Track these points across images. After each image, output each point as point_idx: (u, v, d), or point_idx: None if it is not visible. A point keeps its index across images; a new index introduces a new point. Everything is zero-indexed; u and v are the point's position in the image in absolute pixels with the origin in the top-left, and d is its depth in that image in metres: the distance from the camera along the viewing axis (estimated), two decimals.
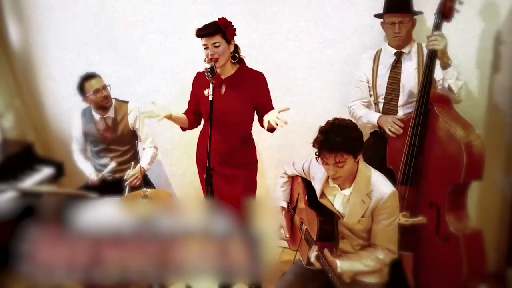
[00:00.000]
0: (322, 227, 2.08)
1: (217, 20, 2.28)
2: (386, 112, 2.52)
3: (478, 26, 2.53)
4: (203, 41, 2.28)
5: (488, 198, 2.75)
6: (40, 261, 1.82)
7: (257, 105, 2.39)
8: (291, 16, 2.82)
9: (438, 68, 2.29)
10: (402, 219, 2.26)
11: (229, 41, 2.30)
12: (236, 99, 2.36)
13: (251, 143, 2.55)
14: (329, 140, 1.91)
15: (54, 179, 3.04)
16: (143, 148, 2.96)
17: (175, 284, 2.78)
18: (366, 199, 2.01)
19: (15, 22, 3.34)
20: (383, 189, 2.01)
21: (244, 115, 2.42)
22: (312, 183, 2.20)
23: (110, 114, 2.87)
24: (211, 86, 2.18)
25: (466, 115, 2.34)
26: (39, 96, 3.48)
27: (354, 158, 1.96)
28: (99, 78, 2.82)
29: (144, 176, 2.84)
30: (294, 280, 2.19)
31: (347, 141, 1.90)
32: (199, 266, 1.86)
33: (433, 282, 2.36)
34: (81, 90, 2.81)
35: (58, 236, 1.88)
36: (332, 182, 2.07)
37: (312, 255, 2.04)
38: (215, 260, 1.85)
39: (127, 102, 2.92)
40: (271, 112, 2.22)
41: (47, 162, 3.07)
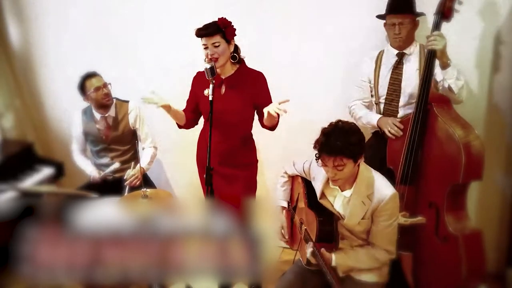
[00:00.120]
0: (321, 228, 2.08)
1: (217, 20, 2.28)
2: (387, 113, 2.52)
3: (477, 26, 2.53)
4: (203, 41, 2.28)
5: (488, 198, 2.75)
6: (40, 261, 1.82)
7: (257, 105, 2.39)
8: (292, 16, 2.82)
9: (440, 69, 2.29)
10: (401, 219, 2.26)
11: (229, 41, 2.30)
12: (236, 99, 2.36)
13: (251, 143, 2.55)
14: (329, 143, 1.90)
15: (54, 179, 3.04)
16: (143, 147, 2.97)
17: (175, 284, 2.78)
18: (366, 201, 2.01)
19: (15, 22, 3.34)
20: (384, 191, 2.00)
21: (244, 115, 2.42)
22: (313, 183, 2.20)
23: (111, 113, 2.87)
24: (211, 86, 2.18)
25: (466, 115, 2.34)
26: (39, 96, 3.48)
27: (354, 162, 1.95)
28: (100, 76, 2.82)
29: (144, 175, 2.85)
30: (294, 280, 2.19)
31: (347, 145, 1.89)
32: (199, 266, 1.86)
33: (432, 282, 2.36)
34: (82, 89, 2.81)
35: (58, 236, 1.88)
36: (332, 184, 2.07)
37: (308, 251, 2.05)
38: (215, 260, 1.85)
39: (127, 102, 2.92)
40: (271, 104, 2.20)
41: (47, 162, 3.07)
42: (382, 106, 2.55)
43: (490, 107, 2.64)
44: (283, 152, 2.89)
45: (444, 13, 2.24)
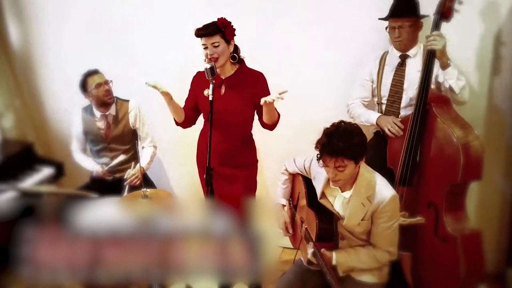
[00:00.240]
0: (321, 228, 2.08)
1: (216, 20, 2.28)
2: (388, 114, 2.51)
3: (478, 26, 2.53)
4: (202, 41, 2.28)
5: (488, 198, 2.74)
6: (40, 261, 1.82)
7: (257, 105, 2.38)
8: (292, 16, 2.81)
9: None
10: (400, 219, 2.26)
11: (228, 41, 2.29)
12: (236, 99, 2.36)
13: (251, 143, 2.55)
14: (331, 144, 1.89)
15: (54, 179, 3.04)
16: (142, 147, 2.97)
17: (175, 284, 2.78)
18: (366, 202, 2.01)
19: (15, 22, 3.34)
20: (384, 192, 2.00)
21: (244, 115, 2.42)
22: (313, 182, 2.20)
23: (112, 111, 2.88)
24: (211, 86, 2.18)
25: (466, 115, 2.34)
26: (39, 96, 3.48)
27: (355, 163, 1.95)
28: (101, 74, 2.84)
29: (144, 175, 2.85)
30: (294, 280, 2.18)
31: (349, 146, 1.88)
32: (199, 266, 1.86)
33: (431, 282, 2.36)
34: (83, 86, 2.82)
35: (58, 236, 1.88)
36: (332, 184, 2.06)
37: (309, 252, 2.05)
38: (215, 260, 1.85)
39: (127, 101, 2.93)
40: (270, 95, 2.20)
41: (47, 162, 3.07)
42: (383, 107, 2.55)
43: (490, 107, 2.64)
44: (283, 152, 2.89)
45: (444, 13, 2.24)
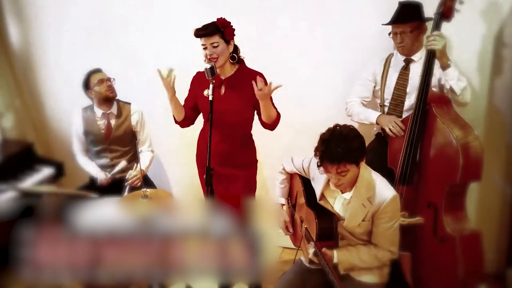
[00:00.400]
0: (321, 228, 2.08)
1: (216, 20, 2.28)
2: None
3: (478, 26, 2.52)
4: (201, 41, 2.28)
5: (488, 198, 2.74)
6: (40, 261, 1.82)
7: (256, 105, 2.38)
8: (293, 16, 2.81)
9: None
10: (400, 219, 2.26)
11: (228, 41, 2.29)
12: (235, 99, 2.36)
13: (251, 143, 2.55)
14: (330, 151, 1.88)
15: (54, 179, 3.04)
16: (140, 150, 2.96)
17: (175, 284, 2.78)
18: (366, 203, 2.01)
19: (15, 22, 3.34)
20: (384, 193, 2.00)
21: (244, 115, 2.42)
22: (312, 183, 2.19)
23: (113, 110, 2.88)
24: (211, 86, 2.18)
25: (466, 115, 2.34)
26: (39, 96, 3.48)
27: (356, 166, 1.95)
28: (103, 73, 2.86)
29: (144, 176, 2.85)
30: (294, 280, 2.19)
31: (348, 151, 1.88)
32: (199, 266, 1.86)
33: (431, 283, 2.35)
34: (86, 84, 2.84)
35: (58, 236, 1.88)
36: (335, 188, 2.05)
37: (310, 252, 2.05)
38: (215, 260, 1.85)
39: (129, 103, 2.94)
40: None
41: (47, 162, 3.07)
42: (386, 110, 2.53)
43: (490, 107, 2.64)
44: (282, 152, 2.88)
45: (444, 13, 2.23)
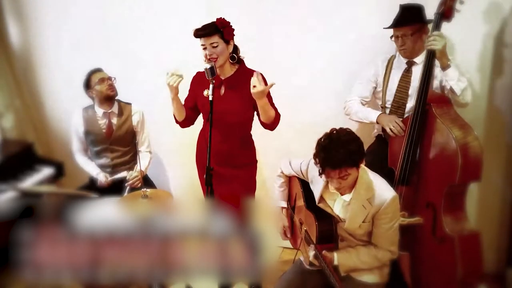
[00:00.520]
0: (321, 230, 2.09)
1: (215, 21, 2.28)
2: None
3: (479, 27, 2.52)
4: (201, 41, 2.28)
5: (488, 198, 2.74)
6: (40, 261, 1.82)
7: (256, 105, 2.38)
8: (293, 16, 2.81)
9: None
10: (400, 219, 2.26)
11: (227, 41, 2.29)
12: (235, 99, 2.35)
13: (250, 143, 2.54)
14: (330, 157, 1.88)
15: (54, 179, 3.04)
16: (139, 151, 2.96)
17: (175, 284, 2.78)
18: (366, 205, 2.01)
19: (15, 22, 3.34)
20: (384, 194, 2.00)
21: (244, 115, 2.41)
22: (311, 186, 2.19)
23: (114, 109, 2.88)
24: (211, 86, 2.18)
25: (466, 115, 2.33)
26: (39, 96, 3.48)
27: (357, 168, 1.96)
28: (104, 73, 2.87)
29: (145, 176, 2.86)
30: (294, 280, 2.19)
31: (349, 155, 1.88)
32: (199, 266, 1.86)
33: (429, 282, 2.35)
34: (87, 84, 2.84)
35: (58, 236, 1.88)
36: (333, 189, 2.05)
37: (310, 254, 2.05)
38: (215, 260, 1.85)
39: (129, 104, 2.94)
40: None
41: (47, 162, 3.07)
42: (387, 111, 2.53)
43: (490, 107, 2.64)
44: (282, 152, 2.88)
45: (445, 12, 2.22)
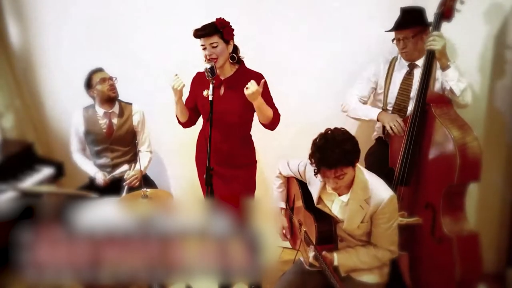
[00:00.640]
0: (320, 231, 2.09)
1: (215, 21, 2.28)
2: None
3: (479, 27, 2.51)
4: (201, 41, 2.28)
5: (488, 198, 2.74)
6: (40, 261, 1.82)
7: None
8: (294, 16, 2.81)
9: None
10: (398, 218, 2.25)
11: (227, 41, 2.29)
12: (235, 99, 2.35)
13: (250, 143, 2.54)
14: (326, 157, 1.89)
15: (54, 179, 3.04)
16: (139, 150, 2.96)
17: (175, 284, 2.78)
18: (364, 205, 2.01)
19: (15, 22, 3.34)
20: (381, 194, 2.00)
21: (243, 115, 2.41)
22: (309, 187, 2.20)
23: (115, 109, 2.88)
24: (211, 86, 2.18)
25: (466, 116, 2.32)
26: (39, 96, 3.48)
27: (352, 168, 1.96)
28: (105, 72, 2.87)
29: (145, 175, 2.86)
30: (294, 280, 2.19)
31: (344, 154, 1.89)
32: (199, 266, 1.86)
33: (428, 283, 2.35)
34: (88, 83, 2.84)
35: (58, 236, 1.88)
36: (331, 190, 2.06)
37: (310, 255, 2.05)
38: (215, 260, 1.85)
39: (130, 104, 2.94)
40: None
41: (47, 162, 3.07)
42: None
43: (490, 108, 2.64)
44: (282, 152, 2.88)
45: (444, 13, 2.22)
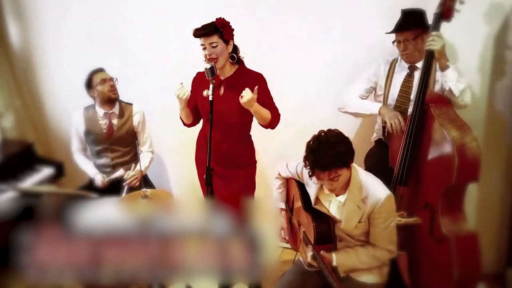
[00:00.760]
0: (318, 231, 2.09)
1: (215, 20, 2.28)
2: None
3: (479, 27, 2.51)
4: (200, 41, 2.28)
5: (488, 198, 2.74)
6: (40, 261, 1.82)
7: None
8: (294, 17, 2.81)
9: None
10: (396, 218, 2.25)
11: (227, 41, 2.29)
12: (235, 99, 2.34)
13: (250, 143, 2.55)
14: (319, 159, 1.89)
15: (54, 179, 3.04)
16: (140, 151, 2.97)
17: (175, 284, 2.78)
18: (361, 205, 2.01)
19: (15, 22, 3.34)
20: (378, 194, 2.00)
21: (243, 116, 2.40)
22: (306, 187, 2.20)
23: (115, 110, 2.88)
24: (211, 86, 2.18)
25: (466, 116, 2.32)
26: (39, 96, 3.48)
27: (347, 168, 1.96)
28: (106, 73, 2.87)
29: (144, 176, 2.85)
30: (294, 280, 2.19)
31: (337, 156, 1.89)
32: (199, 266, 1.86)
33: (428, 283, 2.34)
34: (89, 83, 2.84)
35: (58, 236, 1.88)
36: (329, 192, 2.06)
37: (309, 255, 2.05)
38: (215, 260, 1.85)
39: (131, 104, 2.94)
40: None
41: (47, 162, 3.07)
42: None
43: (490, 108, 2.63)
44: (283, 152, 2.89)
45: (444, 13, 2.22)
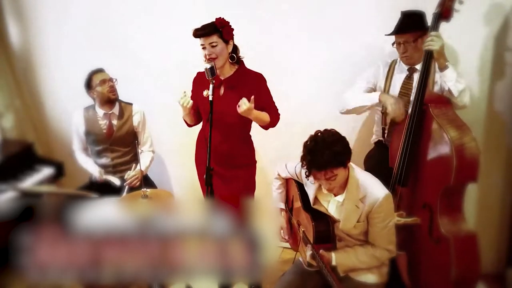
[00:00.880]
0: (317, 231, 2.09)
1: (214, 20, 2.28)
2: (394, 126, 2.48)
3: (479, 28, 2.51)
4: (200, 41, 2.28)
5: (488, 199, 2.74)
6: (40, 261, 1.82)
7: (256, 106, 2.38)
8: (294, 17, 2.81)
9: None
10: (395, 218, 2.25)
11: (227, 41, 2.30)
12: (235, 100, 2.34)
13: (250, 143, 2.55)
14: (316, 159, 1.90)
15: (54, 179, 3.04)
16: (141, 151, 2.97)
17: (175, 284, 2.78)
18: (359, 204, 2.01)
19: (15, 22, 3.34)
20: (376, 193, 2.00)
21: (243, 116, 2.41)
22: (305, 188, 2.20)
23: (115, 110, 2.88)
24: (211, 86, 2.18)
25: (466, 116, 2.32)
26: (39, 96, 3.48)
27: (344, 168, 1.96)
28: (106, 73, 2.87)
29: (145, 176, 2.85)
30: (294, 280, 2.19)
31: (334, 156, 1.89)
32: (199, 266, 1.86)
33: (427, 283, 2.34)
34: (88, 84, 2.84)
35: (58, 236, 1.88)
36: (327, 192, 2.06)
37: (308, 254, 2.05)
38: (215, 260, 1.85)
39: (131, 104, 2.94)
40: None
41: (47, 162, 3.07)
42: (388, 118, 2.50)
43: (490, 109, 2.64)
44: (282, 152, 2.89)
45: (443, 13, 2.22)
